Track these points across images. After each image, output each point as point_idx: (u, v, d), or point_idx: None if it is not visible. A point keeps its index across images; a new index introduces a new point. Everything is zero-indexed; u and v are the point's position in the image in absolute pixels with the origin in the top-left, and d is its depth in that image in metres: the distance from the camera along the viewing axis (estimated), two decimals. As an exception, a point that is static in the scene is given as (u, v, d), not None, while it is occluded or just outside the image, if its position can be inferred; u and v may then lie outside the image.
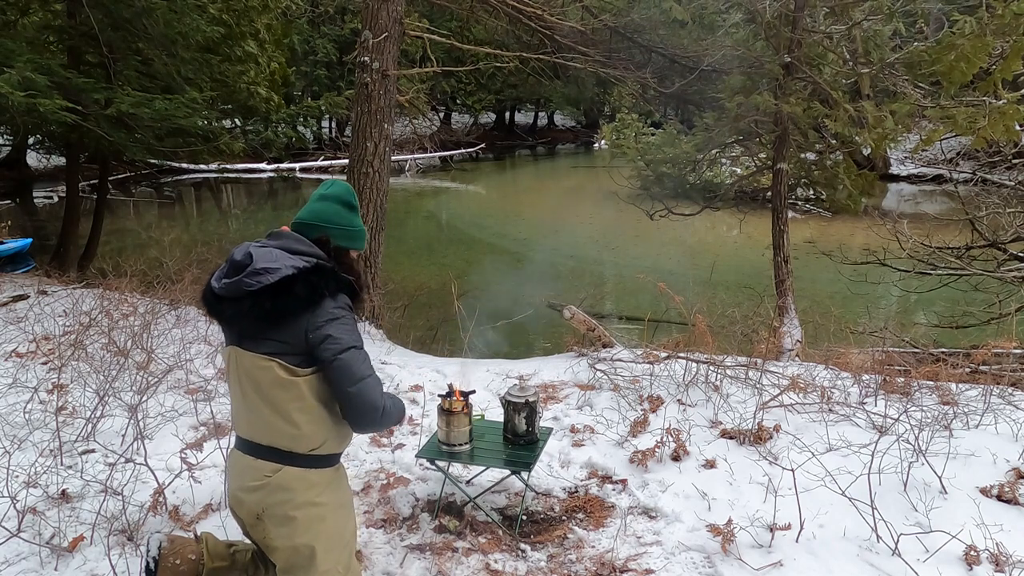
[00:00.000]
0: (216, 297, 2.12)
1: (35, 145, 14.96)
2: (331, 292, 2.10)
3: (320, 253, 2.20)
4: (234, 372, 2.19)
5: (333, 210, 2.30)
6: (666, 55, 8.42)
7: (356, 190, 6.76)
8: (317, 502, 2.21)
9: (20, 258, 11.05)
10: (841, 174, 8.15)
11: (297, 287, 2.05)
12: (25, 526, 2.84)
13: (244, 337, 2.15)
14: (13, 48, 7.07)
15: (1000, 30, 6.22)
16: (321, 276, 2.09)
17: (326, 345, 2.08)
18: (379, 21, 6.54)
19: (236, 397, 2.23)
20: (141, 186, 21.73)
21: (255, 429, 2.19)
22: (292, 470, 2.17)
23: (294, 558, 2.23)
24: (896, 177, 22.48)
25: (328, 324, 2.08)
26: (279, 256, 2.10)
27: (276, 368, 2.10)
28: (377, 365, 5.31)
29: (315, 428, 2.16)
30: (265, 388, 2.13)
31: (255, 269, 2.04)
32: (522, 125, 43.82)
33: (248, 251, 2.10)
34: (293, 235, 2.23)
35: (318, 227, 2.26)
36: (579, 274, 11.96)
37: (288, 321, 2.07)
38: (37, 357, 4.97)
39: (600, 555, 2.86)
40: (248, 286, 2.04)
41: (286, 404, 2.12)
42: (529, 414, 3.21)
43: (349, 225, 2.32)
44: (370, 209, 6.79)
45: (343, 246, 2.30)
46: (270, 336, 2.10)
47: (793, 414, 4.05)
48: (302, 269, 2.07)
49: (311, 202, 2.32)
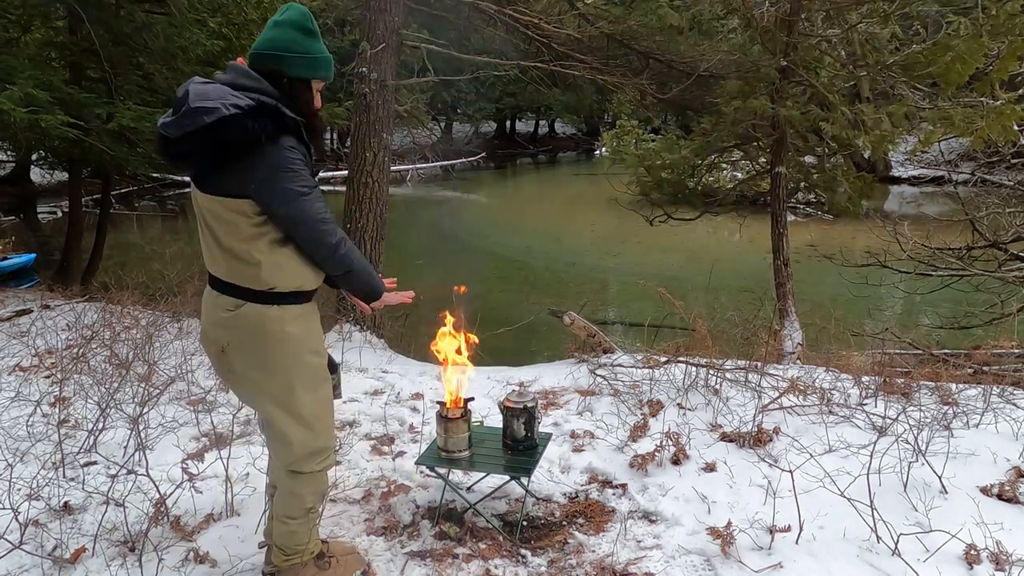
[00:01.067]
0: (162, 137, 2.03)
1: (38, 161, 15.06)
2: (270, 136, 1.98)
3: (268, 89, 2.07)
4: (195, 209, 2.16)
5: (289, 37, 2.13)
6: (663, 61, 8.45)
7: (356, 200, 6.82)
8: (285, 332, 2.17)
9: (24, 273, 11.11)
10: (840, 177, 8.17)
11: (231, 131, 1.92)
12: (27, 538, 2.85)
13: (195, 176, 2.09)
14: (15, 65, 7.13)
15: (995, 31, 6.24)
16: (259, 118, 1.96)
17: (272, 200, 2.02)
18: (376, 32, 6.59)
19: (200, 233, 2.20)
20: (144, 200, 21.83)
21: (217, 266, 2.16)
22: (254, 306, 2.14)
23: (267, 399, 2.23)
24: (897, 179, 22.48)
25: (272, 177, 1.99)
26: (220, 93, 1.97)
27: (226, 209, 2.05)
28: (378, 373, 5.33)
29: (273, 266, 2.11)
30: (218, 228, 2.09)
31: (190, 108, 1.93)
32: (523, 134, 43.93)
33: (187, 89, 1.99)
34: (243, 68, 2.10)
35: (272, 56, 2.12)
36: (580, 281, 11.98)
37: (229, 163, 1.98)
38: (40, 371, 5.00)
39: (600, 559, 2.86)
40: (184, 127, 1.94)
41: (241, 243, 2.08)
42: (528, 420, 3.21)
43: (307, 52, 2.16)
44: (370, 219, 6.82)
45: (303, 76, 2.16)
46: (217, 177, 2.04)
47: (793, 416, 4.05)
48: (242, 109, 1.94)
49: (265, 30, 2.17)
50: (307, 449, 2.33)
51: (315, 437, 2.34)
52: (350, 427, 4.22)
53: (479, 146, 35.44)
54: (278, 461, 2.40)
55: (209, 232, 2.14)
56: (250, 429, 4.06)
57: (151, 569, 2.73)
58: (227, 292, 2.17)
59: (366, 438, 4.06)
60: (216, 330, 2.21)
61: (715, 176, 12.68)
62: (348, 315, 6.70)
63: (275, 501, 2.48)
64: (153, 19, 8.11)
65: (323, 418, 2.37)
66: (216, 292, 2.20)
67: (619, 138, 20.49)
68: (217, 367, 2.32)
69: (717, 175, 13.06)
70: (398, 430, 4.19)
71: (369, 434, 4.12)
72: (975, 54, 6.20)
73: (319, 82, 2.25)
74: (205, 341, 2.28)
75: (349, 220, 6.89)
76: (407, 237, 16.01)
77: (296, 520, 2.44)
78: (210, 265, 2.21)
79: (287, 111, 2.06)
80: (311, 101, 2.22)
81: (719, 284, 9.74)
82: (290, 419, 2.27)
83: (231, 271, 2.14)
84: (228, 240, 2.10)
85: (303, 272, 2.19)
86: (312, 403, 2.30)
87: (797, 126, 7.60)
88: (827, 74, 7.86)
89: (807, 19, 7.54)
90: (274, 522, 2.49)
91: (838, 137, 7.66)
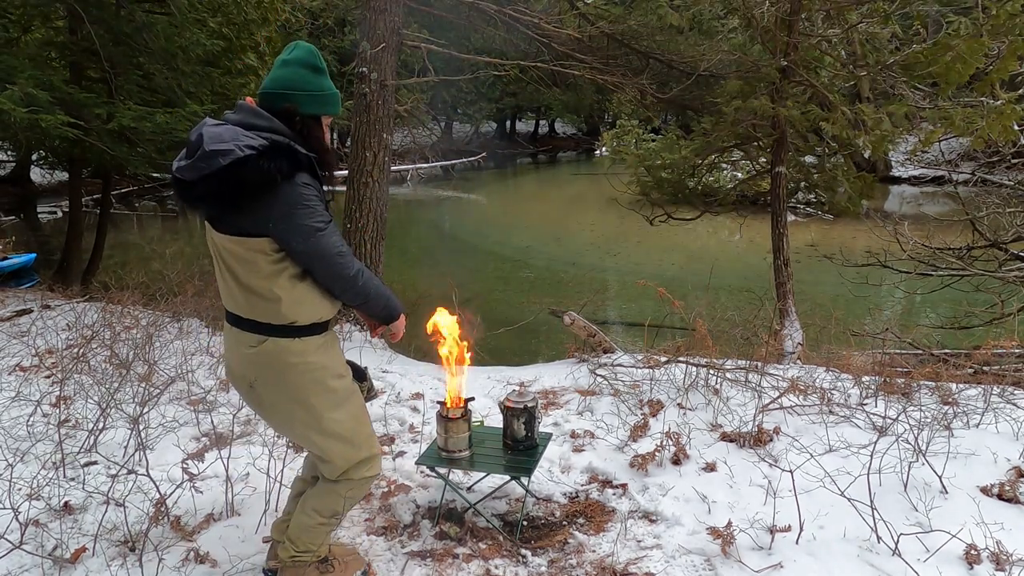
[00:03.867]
0: (178, 181, 2.05)
1: (38, 161, 15.06)
2: (286, 174, 2.00)
3: (280, 127, 2.09)
4: (211, 247, 2.18)
5: (299, 76, 2.16)
6: (663, 61, 8.45)
7: (356, 200, 6.83)
8: (308, 363, 2.22)
9: (24, 273, 11.10)
10: (840, 177, 8.17)
11: (247, 172, 1.94)
12: (28, 538, 2.85)
13: (211, 217, 2.11)
14: (15, 65, 7.13)
15: (995, 31, 6.24)
16: (274, 158, 1.99)
17: (290, 237, 2.04)
18: (376, 32, 6.60)
19: (217, 272, 2.22)
20: (144, 200, 21.81)
21: (236, 304, 2.19)
22: (276, 340, 2.17)
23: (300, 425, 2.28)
24: (897, 179, 22.47)
25: (290, 214, 2.02)
26: (233, 135, 1.99)
27: (245, 248, 2.07)
28: (379, 374, 5.33)
29: (292, 302, 2.14)
30: (237, 267, 2.11)
31: (205, 152, 1.95)
32: (523, 133, 43.93)
33: (200, 132, 2.01)
34: (252, 108, 2.11)
35: (283, 95, 2.14)
36: (580, 281, 11.96)
37: (246, 204, 2.00)
38: (40, 371, 5.00)
39: (601, 559, 2.86)
40: (200, 170, 1.96)
41: (261, 281, 2.10)
42: (528, 420, 3.21)
43: (317, 90, 2.18)
44: (370, 219, 6.82)
45: (313, 113, 2.18)
46: (233, 217, 2.06)
47: (793, 416, 4.05)
48: (256, 150, 1.97)
49: (273, 69, 2.18)
50: (350, 461, 2.38)
51: (356, 449, 2.38)
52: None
53: (479, 146, 35.43)
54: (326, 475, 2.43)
55: (228, 271, 2.16)
56: (250, 429, 4.06)
57: (151, 569, 2.73)
58: (248, 329, 2.20)
59: (366, 438, 4.05)
60: (242, 367, 2.25)
61: (715, 176, 12.70)
62: (348, 315, 6.71)
63: (310, 493, 2.50)
64: (153, 19, 8.11)
65: (359, 429, 2.40)
66: (237, 329, 2.23)
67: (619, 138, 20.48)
68: (248, 400, 2.37)
69: (717, 175, 13.08)
70: (398, 430, 4.19)
71: (369, 434, 4.11)
72: (975, 54, 6.20)
73: (328, 117, 2.28)
74: (232, 377, 2.33)
75: (349, 220, 6.89)
76: (407, 237, 16.01)
77: (322, 518, 2.47)
78: (229, 303, 2.24)
79: (300, 148, 2.08)
80: (322, 136, 2.25)
81: (719, 284, 9.73)
82: (326, 439, 2.31)
83: (251, 308, 2.17)
84: (248, 278, 2.13)
85: (322, 304, 2.23)
86: (344, 419, 2.34)
87: (797, 126, 7.60)
88: (827, 74, 7.85)
89: (807, 19, 7.54)
90: (298, 514, 2.50)
91: (838, 137, 7.65)
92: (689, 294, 8.44)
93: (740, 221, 10.19)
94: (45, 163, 14.43)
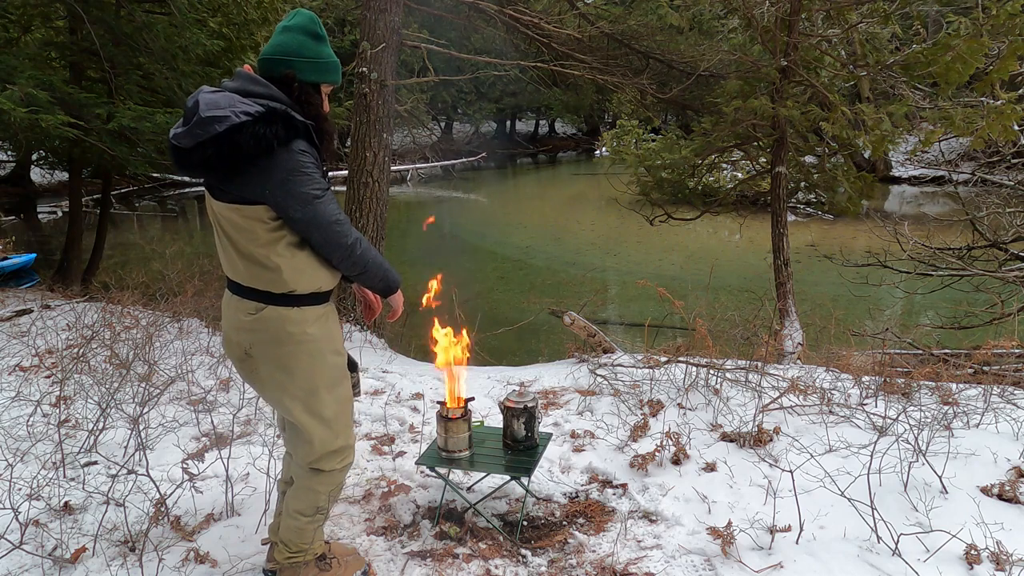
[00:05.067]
0: (175, 148, 2.04)
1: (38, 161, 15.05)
2: (282, 140, 2.00)
3: (277, 94, 2.09)
4: (210, 216, 2.18)
5: (298, 42, 2.15)
6: (663, 61, 8.46)
7: (356, 200, 6.83)
8: (307, 333, 2.21)
9: (24, 273, 11.11)
10: (840, 177, 8.17)
11: (243, 138, 1.94)
12: (28, 538, 2.85)
13: (209, 185, 2.11)
14: (15, 65, 7.13)
15: (995, 31, 6.25)
16: (271, 124, 1.98)
17: (287, 204, 2.04)
18: (376, 32, 6.60)
19: (217, 240, 2.23)
20: (144, 200, 21.84)
21: (236, 271, 2.19)
22: (275, 308, 2.17)
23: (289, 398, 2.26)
24: (897, 179, 22.48)
25: (286, 181, 2.01)
26: (229, 101, 1.99)
27: (242, 216, 2.07)
28: (379, 374, 5.33)
29: (291, 270, 2.14)
30: (235, 235, 2.11)
31: (201, 118, 1.95)
32: (523, 133, 43.91)
33: (196, 98, 2.01)
34: (250, 75, 2.11)
35: (282, 60, 2.14)
36: (580, 281, 11.97)
37: (242, 170, 2.00)
38: (40, 371, 5.00)
39: (601, 559, 2.86)
40: (197, 136, 1.96)
41: (259, 248, 2.11)
42: (528, 420, 3.21)
43: (317, 57, 2.18)
44: (370, 219, 6.83)
45: (312, 80, 2.18)
46: (231, 185, 2.06)
47: (793, 416, 4.05)
48: (252, 116, 1.96)
49: (274, 35, 2.18)
50: (327, 447, 2.36)
51: (335, 436, 2.37)
52: (350, 427, 4.21)
53: (479, 146, 35.42)
54: (299, 459, 2.42)
55: (227, 239, 2.16)
56: (250, 429, 4.06)
57: (151, 569, 2.72)
58: (248, 296, 2.20)
59: (366, 438, 4.06)
60: (239, 334, 2.24)
61: (715, 176, 12.69)
62: (348, 315, 6.71)
63: (288, 496, 2.49)
64: (153, 19, 8.10)
65: (342, 417, 2.39)
66: (237, 297, 2.23)
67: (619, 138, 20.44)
68: (241, 371, 2.35)
69: (717, 175, 13.06)
70: (398, 430, 4.19)
71: (369, 434, 4.12)
72: (975, 54, 6.20)
73: (328, 86, 2.27)
74: (228, 345, 2.31)
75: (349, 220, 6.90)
76: (407, 237, 16.01)
77: (306, 517, 2.46)
78: (229, 271, 2.24)
79: (297, 115, 2.07)
80: (321, 104, 2.24)
81: (719, 284, 9.74)
82: (312, 419, 2.30)
83: (250, 276, 2.17)
84: (246, 246, 2.13)
85: (321, 274, 2.23)
86: (333, 402, 2.34)
87: (797, 126, 7.60)
88: (827, 74, 7.86)
89: (807, 19, 7.55)
90: (283, 517, 2.50)
91: (838, 137, 7.66)
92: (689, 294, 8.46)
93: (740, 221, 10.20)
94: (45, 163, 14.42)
